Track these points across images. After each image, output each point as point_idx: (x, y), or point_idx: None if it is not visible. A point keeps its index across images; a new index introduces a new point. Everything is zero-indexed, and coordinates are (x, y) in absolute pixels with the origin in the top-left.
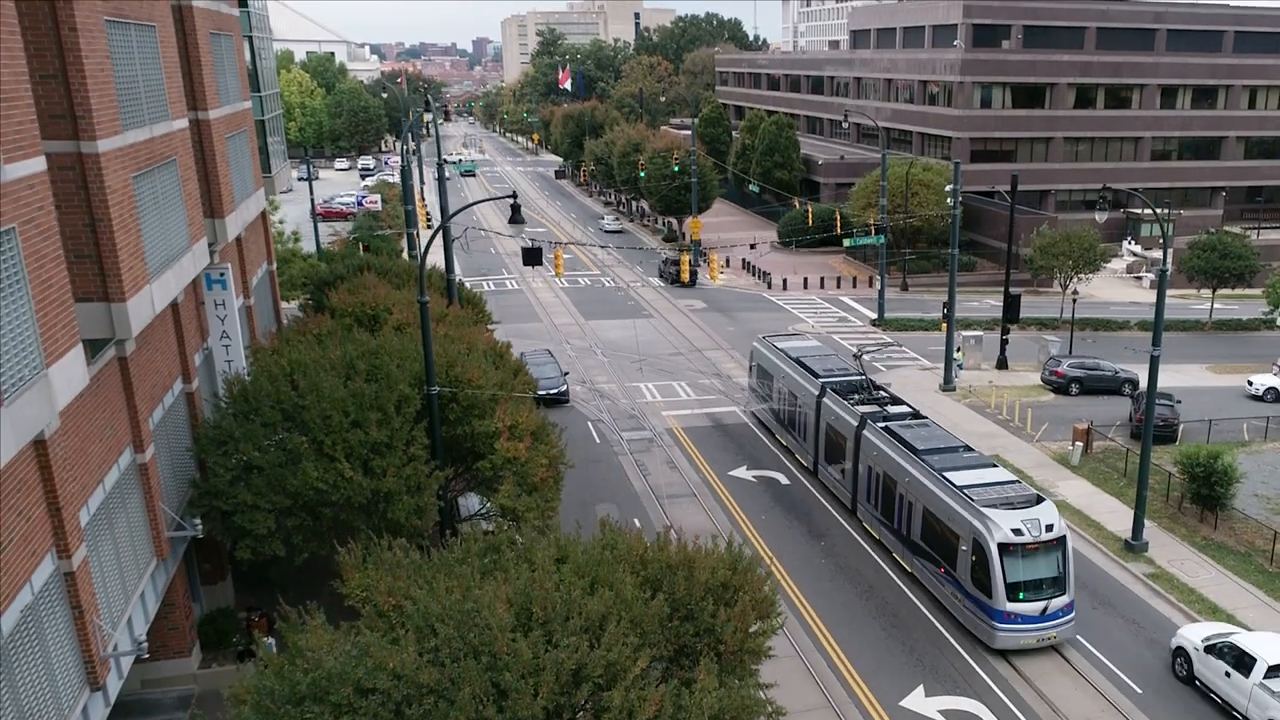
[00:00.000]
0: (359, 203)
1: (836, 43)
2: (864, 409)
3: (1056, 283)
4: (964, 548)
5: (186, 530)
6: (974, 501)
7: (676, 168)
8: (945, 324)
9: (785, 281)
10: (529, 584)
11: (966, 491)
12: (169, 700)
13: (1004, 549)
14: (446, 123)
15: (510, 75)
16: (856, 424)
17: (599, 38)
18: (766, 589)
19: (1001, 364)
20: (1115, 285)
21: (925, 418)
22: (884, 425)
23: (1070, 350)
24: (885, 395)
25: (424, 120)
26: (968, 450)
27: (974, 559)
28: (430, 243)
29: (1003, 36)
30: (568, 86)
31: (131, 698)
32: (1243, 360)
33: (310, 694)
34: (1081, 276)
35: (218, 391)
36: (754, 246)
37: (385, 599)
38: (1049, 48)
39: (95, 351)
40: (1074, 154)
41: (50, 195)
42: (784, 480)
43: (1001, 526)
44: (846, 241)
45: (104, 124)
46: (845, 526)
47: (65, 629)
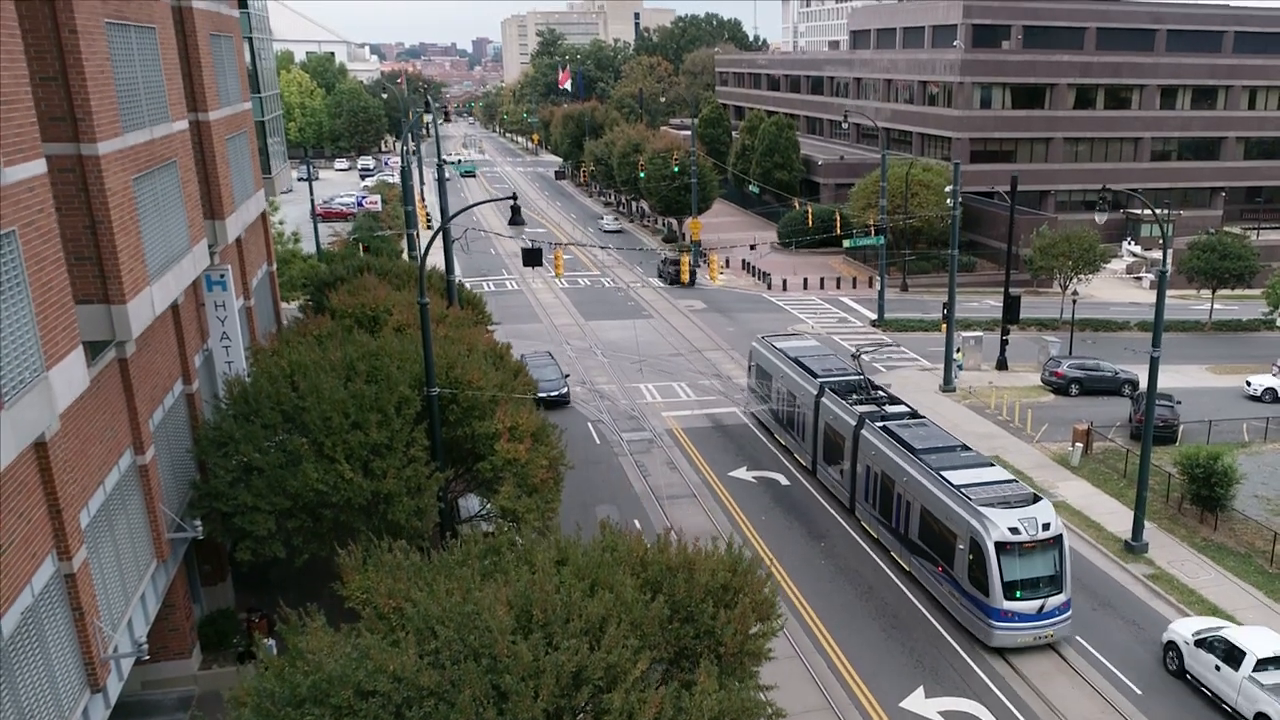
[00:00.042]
0: (359, 203)
1: (836, 43)
2: (862, 408)
3: (1056, 283)
4: (961, 546)
5: (187, 532)
6: (971, 500)
7: (676, 168)
8: (945, 325)
9: (785, 282)
10: (529, 586)
11: (964, 490)
12: (169, 701)
13: (1001, 548)
14: (446, 123)
15: (510, 75)
16: (855, 423)
17: (599, 38)
18: (766, 591)
19: (1001, 365)
20: (1115, 286)
21: (923, 417)
22: (882, 425)
23: (1070, 351)
24: (883, 395)
25: (424, 121)
26: (965, 449)
27: (971, 557)
28: (430, 244)
29: (1002, 37)
30: (568, 87)
31: (132, 699)
32: (1243, 361)
33: (311, 696)
34: (1081, 277)
35: (218, 393)
36: (754, 247)
37: (386, 601)
38: (1049, 48)
39: (95, 353)
40: (1074, 154)
41: (50, 198)
42: (784, 481)
43: (998, 525)
44: (846, 242)
45: (104, 126)
46: (845, 527)
47: (66, 631)
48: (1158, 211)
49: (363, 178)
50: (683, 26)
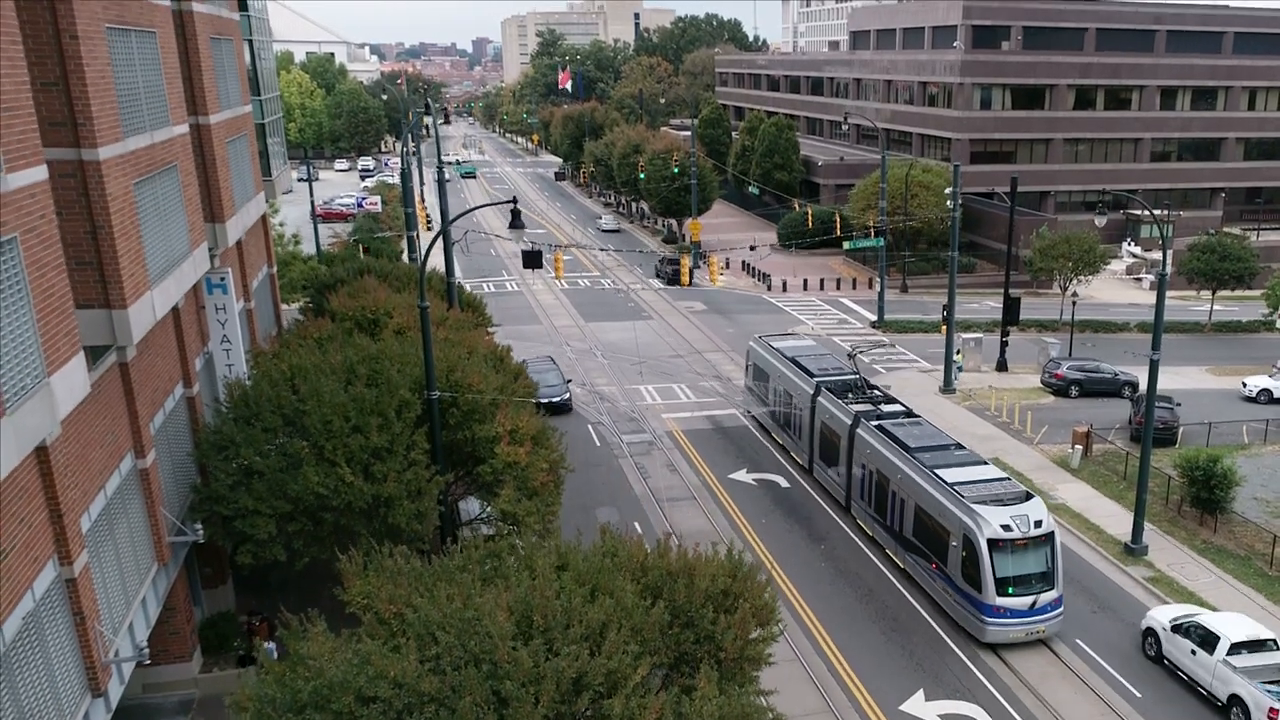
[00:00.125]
0: (359, 204)
1: (836, 43)
2: (858, 408)
3: (1056, 284)
4: (955, 543)
5: (187, 535)
6: (964, 498)
7: (676, 169)
8: (945, 326)
9: (785, 283)
10: (530, 592)
11: (957, 488)
12: (170, 705)
13: (993, 544)
14: (446, 125)
15: (510, 75)
16: (851, 422)
17: (599, 38)
18: (766, 596)
19: (1001, 366)
20: (1115, 287)
21: (918, 416)
22: (877, 424)
23: (1070, 352)
24: (879, 394)
25: (424, 122)
26: (959, 448)
27: (964, 554)
28: (430, 247)
29: (1002, 38)
30: (568, 88)
31: (133, 702)
32: (1242, 362)
33: (311, 702)
34: (1081, 278)
35: (218, 396)
36: (754, 248)
37: (386, 606)
38: (1049, 49)
39: (96, 358)
40: (1074, 155)
41: (51, 203)
42: (784, 483)
43: (991, 522)
44: (846, 244)
45: (105, 131)
46: (845, 529)
47: (67, 635)
48: (1157, 213)
49: (363, 178)
50: (682, 27)
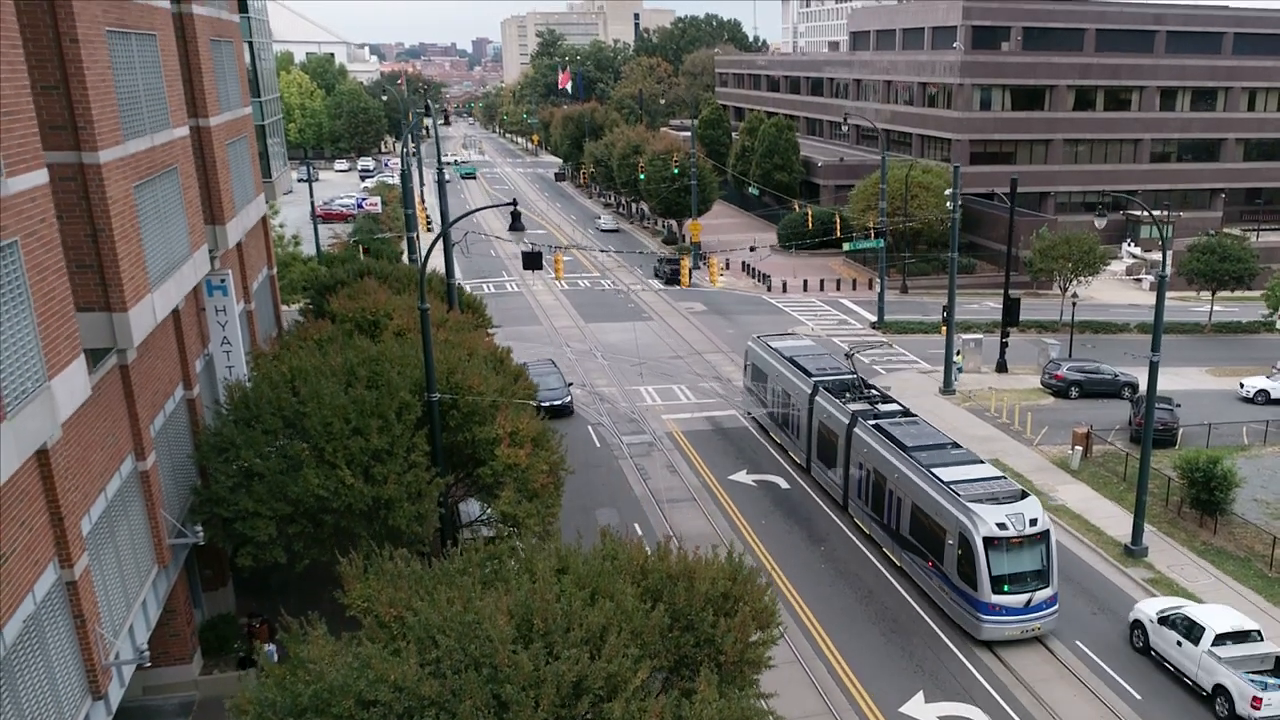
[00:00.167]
0: (359, 205)
1: (836, 44)
2: (855, 407)
3: (1056, 285)
4: (950, 541)
5: (188, 537)
6: (960, 496)
7: (676, 170)
8: (945, 327)
9: (785, 284)
10: (530, 595)
11: (953, 487)
12: (170, 707)
13: (989, 543)
14: (446, 126)
15: (510, 76)
16: (848, 422)
17: (598, 39)
18: (766, 599)
19: (1001, 367)
20: (1115, 287)
21: (915, 416)
22: (874, 423)
23: (1070, 353)
24: (876, 394)
25: (424, 123)
26: (956, 447)
27: (960, 552)
28: (430, 250)
29: (1002, 38)
30: (568, 88)
31: (133, 704)
32: (1242, 363)
33: (312, 706)
34: (1081, 279)
35: (219, 398)
36: (754, 249)
37: (387, 610)
38: (1048, 49)
39: (96, 360)
40: (1073, 156)
41: (52, 207)
42: (784, 484)
43: (986, 521)
44: (846, 245)
45: (105, 134)
46: (845, 530)
47: (67, 638)
48: (1157, 214)
49: (363, 179)
50: (682, 27)
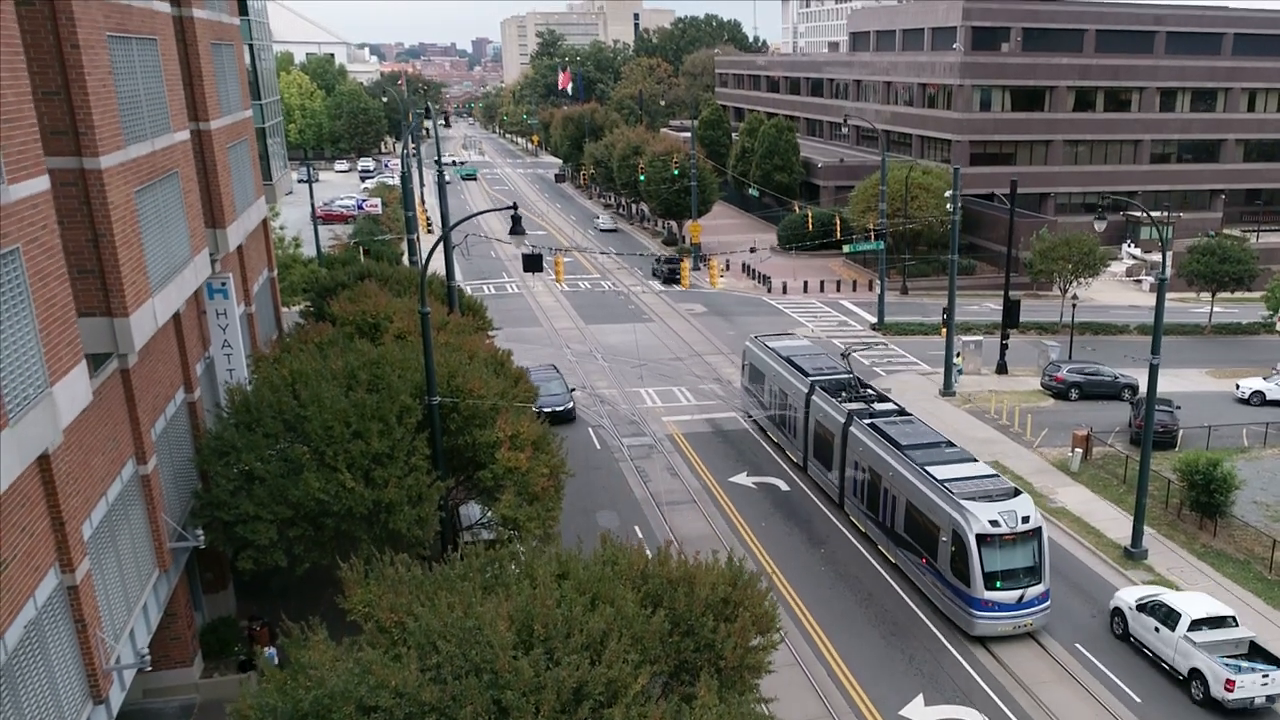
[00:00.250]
0: (359, 206)
1: (836, 44)
2: (851, 406)
3: (1056, 286)
4: (944, 538)
5: (189, 541)
6: (953, 494)
7: (676, 171)
8: (945, 329)
9: (785, 285)
10: (530, 601)
11: (946, 485)
12: (171, 710)
13: (982, 539)
14: (447, 128)
15: (510, 76)
16: (844, 421)
17: (598, 39)
18: (767, 604)
19: (1001, 369)
20: (1115, 288)
21: (910, 415)
22: (870, 422)
23: (1070, 355)
24: (872, 393)
25: (424, 123)
26: (950, 445)
27: (953, 549)
28: (431, 253)
29: (1002, 39)
30: (568, 89)
31: (134, 708)
32: (1242, 365)
33: (312, 711)
34: (1081, 280)
35: (220, 401)
36: (754, 250)
37: (387, 615)
38: (1048, 50)
39: (97, 365)
40: (1073, 157)
41: (53, 213)
42: (784, 486)
43: (979, 518)
44: (846, 247)
45: (106, 140)
46: (844, 532)
47: (68, 643)
48: (1157, 215)
49: (363, 179)
50: (682, 28)
